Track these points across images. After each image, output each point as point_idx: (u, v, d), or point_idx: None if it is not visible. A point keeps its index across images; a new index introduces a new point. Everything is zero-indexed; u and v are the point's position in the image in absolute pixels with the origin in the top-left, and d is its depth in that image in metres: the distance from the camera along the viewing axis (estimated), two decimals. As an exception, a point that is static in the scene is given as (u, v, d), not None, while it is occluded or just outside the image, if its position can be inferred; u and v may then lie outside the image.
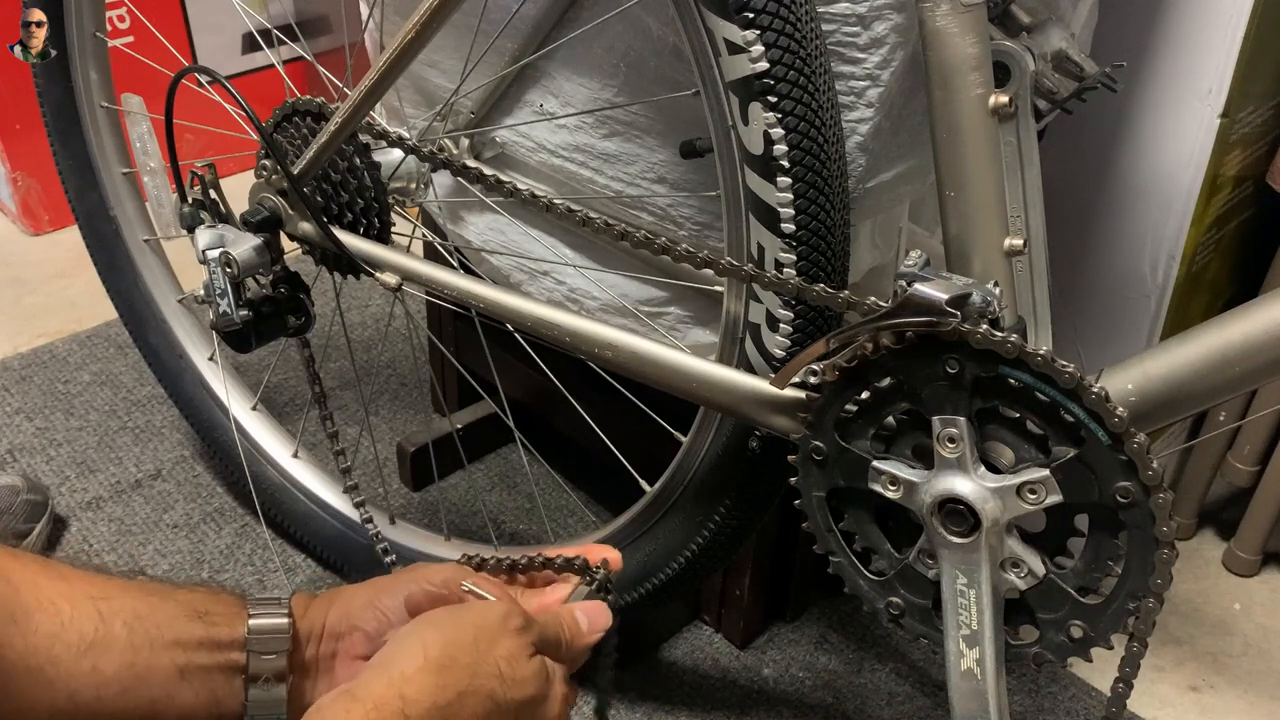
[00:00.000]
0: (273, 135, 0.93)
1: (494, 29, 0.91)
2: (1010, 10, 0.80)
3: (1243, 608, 1.25)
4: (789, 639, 1.19)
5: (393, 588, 0.70)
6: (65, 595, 0.62)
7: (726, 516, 0.91)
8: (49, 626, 0.60)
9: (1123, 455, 0.64)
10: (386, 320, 1.65)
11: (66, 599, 0.62)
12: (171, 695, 0.63)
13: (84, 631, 0.61)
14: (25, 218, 1.88)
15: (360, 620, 0.69)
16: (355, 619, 0.69)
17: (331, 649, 0.69)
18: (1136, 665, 0.69)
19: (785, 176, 0.73)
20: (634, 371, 0.79)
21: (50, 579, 0.63)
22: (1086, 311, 1.12)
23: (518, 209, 1.01)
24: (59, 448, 1.41)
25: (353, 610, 0.69)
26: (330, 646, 0.69)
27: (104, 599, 0.63)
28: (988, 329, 0.64)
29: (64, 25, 1.16)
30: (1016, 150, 0.75)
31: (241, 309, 0.92)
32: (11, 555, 0.63)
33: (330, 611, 0.69)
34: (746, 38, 0.69)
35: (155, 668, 0.63)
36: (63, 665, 0.60)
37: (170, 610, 0.65)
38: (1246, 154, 1.05)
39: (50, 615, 0.61)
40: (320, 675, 0.68)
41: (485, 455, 1.41)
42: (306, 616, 0.69)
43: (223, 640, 0.65)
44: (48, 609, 0.61)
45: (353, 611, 0.69)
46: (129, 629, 0.63)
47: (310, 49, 1.26)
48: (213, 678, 0.65)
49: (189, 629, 0.64)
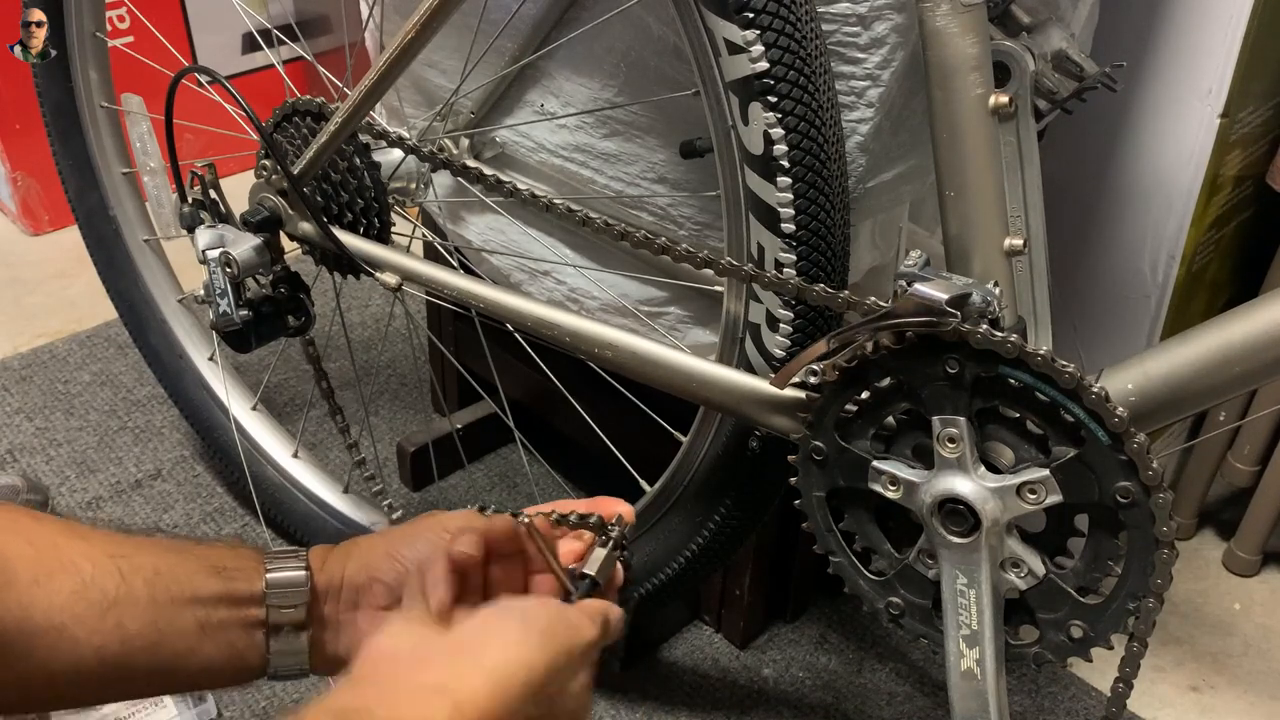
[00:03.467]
0: (273, 135, 0.93)
1: (494, 29, 0.91)
2: (1010, 10, 0.79)
3: (1243, 608, 1.25)
4: (789, 639, 1.19)
5: (410, 538, 0.70)
6: (86, 555, 0.63)
7: (726, 516, 0.91)
8: (71, 585, 0.61)
9: (1123, 455, 0.64)
10: (386, 320, 1.65)
11: (87, 558, 0.62)
12: (194, 649, 0.64)
13: (106, 589, 0.62)
14: (25, 218, 1.88)
15: (379, 572, 0.68)
16: (374, 570, 0.69)
17: (353, 600, 0.69)
18: (1136, 665, 0.69)
19: (785, 176, 0.73)
20: (634, 371, 0.79)
21: (70, 539, 0.63)
22: (1086, 311, 1.12)
23: (518, 209, 1.01)
24: (59, 448, 1.41)
25: (371, 562, 0.69)
26: (351, 598, 0.69)
27: (124, 557, 0.64)
28: (988, 329, 0.64)
29: (64, 25, 1.16)
30: (1016, 150, 0.75)
31: (241, 309, 0.92)
32: (33, 517, 0.64)
33: (349, 564, 0.69)
34: (746, 38, 0.69)
35: (177, 623, 0.63)
36: (87, 623, 0.61)
37: (189, 566, 0.65)
38: (1246, 154, 1.05)
39: (72, 575, 0.61)
40: (342, 628, 0.69)
41: (485, 455, 1.41)
42: (324, 570, 0.69)
43: (241, 595, 0.66)
44: (69, 569, 0.62)
45: (371, 563, 0.69)
46: (150, 586, 0.63)
47: (310, 49, 1.26)
48: (233, 632, 0.65)
49: (208, 584, 0.65)
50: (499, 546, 0.70)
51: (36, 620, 0.60)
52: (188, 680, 0.66)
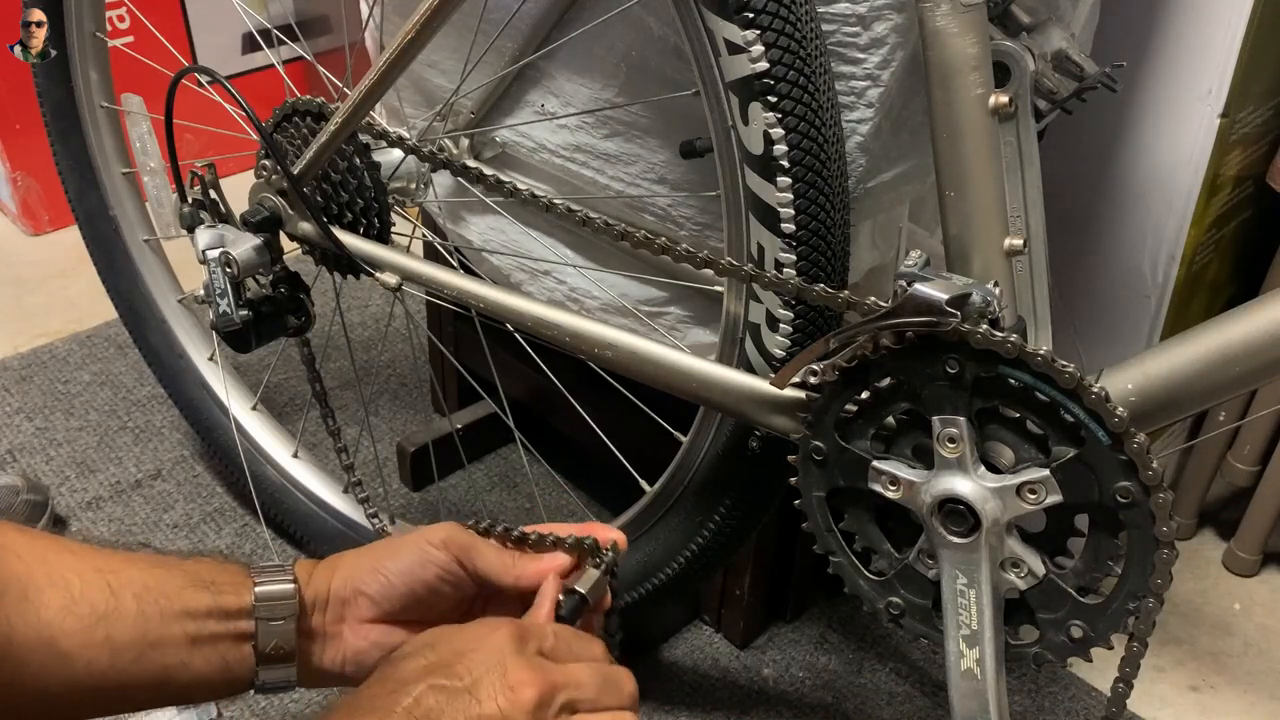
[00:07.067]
0: (273, 135, 0.93)
1: (494, 29, 0.91)
2: (1010, 10, 0.79)
3: (1243, 608, 1.25)
4: (789, 639, 1.19)
5: (395, 551, 0.70)
6: (75, 570, 0.63)
7: (726, 516, 0.91)
8: (60, 600, 0.62)
9: (1123, 455, 0.64)
10: (386, 320, 1.65)
11: (76, 573, 0.63)
12: (184, 663, 0.65)
13: (95, 604, 0.63)
14: (25, 218, 1.88)
15: (365, 585, 0.69)
16: (359, 584, 0.69)
17: (339, 614, 0.69)
18: (1136, 665, 0.69)
19: (785, 176, 0.73)
20: (634, 371, 0.79)
21: (59, 554, 0.64)
22: (1086, 311, 1.12)
23: (518, 209, 1.01)
24: (59, 448, 1.41)
25: (356, 575, 0.70)
26: (337, 612, 0.69)
27: (112, 572, 0.64)
28: (988, 329, 0.64)
29: (64, 25, 1.16)
30: (1016, 150, 0.75)
31: (241, 309, 0.92)
32: (21, 532, 0.64)
33: (334, 578, 0.70)
34: (746, 38, 0.69)
35: (166, 637, 0.64)
36: (77, 637, 0.61)
37: (178, 581, 0.66)
38: (1246, 154, 1.05)
39: (61, 590, 0.62)
40: (329, 640, 0.69)
41: (485, 455, 1.41)
42: (311, 583, 0.69)
43: (230, 608, 0.66)
44: (58, 584, 0.62)
45: (356, 576, 0.70)
46: (139, 600, 0.64)
47: (310, 49, 1.26)
48: (222, 645, 0.66)
49: (197, 598, 0.66)
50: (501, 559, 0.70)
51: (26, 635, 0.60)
52: (177, 693, 0.66)
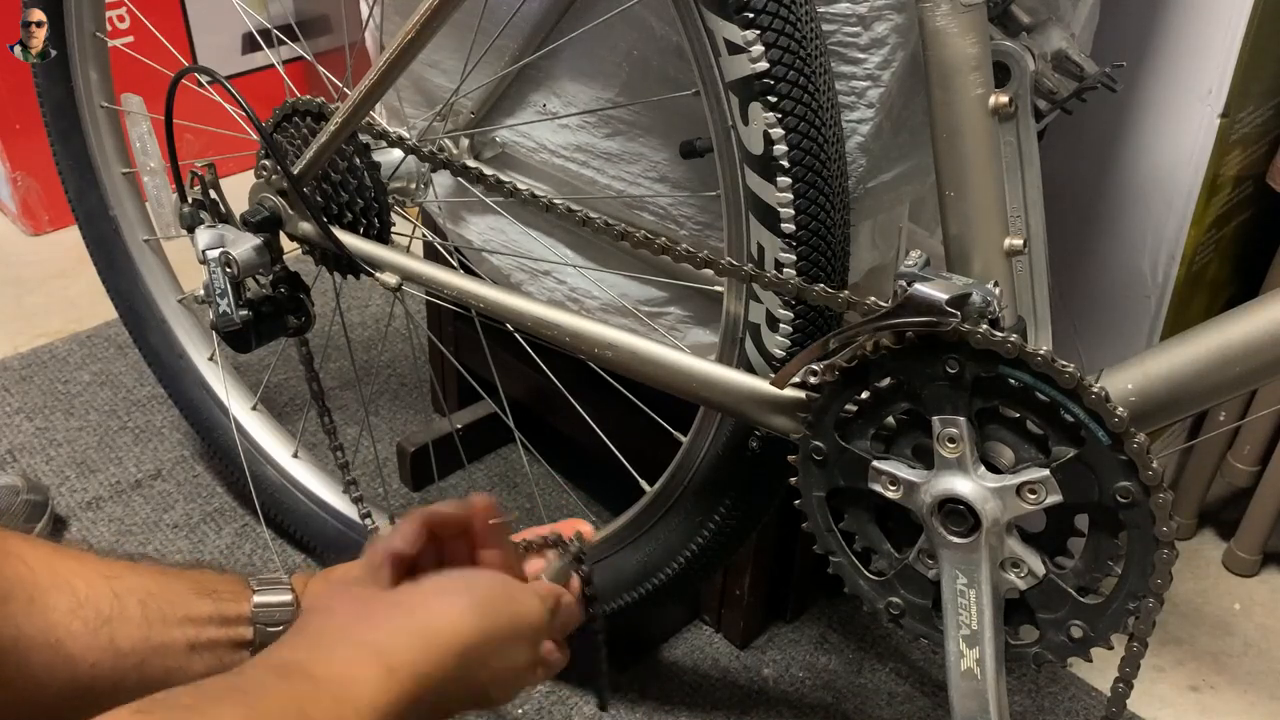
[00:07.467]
0: (273, 135, 0.93)
1: (494, 29, 0.91)
2: (1010, 10, 0.79)
3: (1243, 608, 1.25)
4: (789, 639, 1.19)
5: None
6: (79, 575, 0.65)
7: (726, 516, 0.91)
8: (66, 604, 0.63)
9: (1123, 455, 0.64)
10: (386, 320, 1.65)
11: (81, 578, 0.65)
12: (183, 667, 0.66)
13: (100, 608, 0.64)
14: (25, 218, 1.88)
15: None
16: None
17: None
18: (1136, 665, 0.69)
19: (785, 176, 0.73)
20: (634, 371, 0.79)
21: (64, 560, 0.66)
22: (1086, 311, 1.12)
23: (518, 209, 1.01)
24: (59, 448, 1.41)
25: None
26: None
27: (117, 578, 0.66)
28: (988, 329, 0.64)
29: (64, 25, 1.16)
30: (1016, 150, 0.75)
31: (241, 309, 0.92)
32: (24, 539, 0.66)
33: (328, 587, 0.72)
34: (746, 38, 0.69)
35: (168, 642, 0.66)
36: (81, 640, 0.63)
37: (180, 588, 0.68)
38: (1246, 154, 1.05)
39: (66, 594, 0.64)
40: None
41: (485, 455, 1.41)
42: (307, 593, 0.72)
43: (230, 616, 0.69)
44: (64, 588, 0.64)
45: None
46: (142, 605, 0.66)
47: (310, 49, 1.26)
48: (222, 651, 0.68)
49: (199, 605, 0.68)
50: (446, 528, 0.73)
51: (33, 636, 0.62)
52: None
